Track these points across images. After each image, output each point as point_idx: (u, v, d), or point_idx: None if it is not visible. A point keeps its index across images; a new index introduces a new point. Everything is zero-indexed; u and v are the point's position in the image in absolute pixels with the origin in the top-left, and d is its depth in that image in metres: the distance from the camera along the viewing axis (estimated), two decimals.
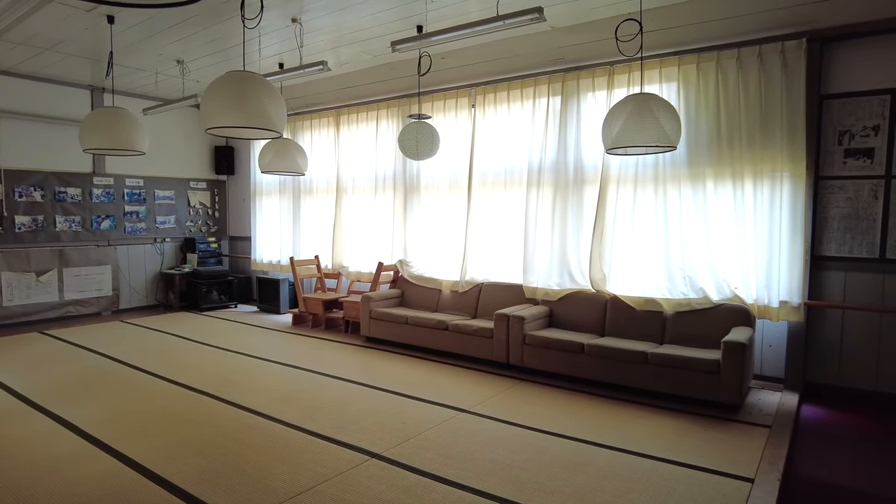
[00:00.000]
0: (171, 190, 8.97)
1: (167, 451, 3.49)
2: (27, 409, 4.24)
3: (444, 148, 6.06)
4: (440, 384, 4.92)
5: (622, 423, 4.04)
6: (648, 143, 3.96)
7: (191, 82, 7.49)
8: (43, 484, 3.07)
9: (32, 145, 7.41)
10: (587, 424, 3.99)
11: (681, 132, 4.08)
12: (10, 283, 7.27)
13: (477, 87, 6.19)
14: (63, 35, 5.71)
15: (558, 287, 5.60)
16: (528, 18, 3.87)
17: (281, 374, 5.20)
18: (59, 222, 7.69)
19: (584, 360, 4.82)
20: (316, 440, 3.67)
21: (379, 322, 6.33)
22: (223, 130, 3.82)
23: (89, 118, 5.12)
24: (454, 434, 3.79)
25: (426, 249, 6.71)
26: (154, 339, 6.66)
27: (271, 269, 8.75)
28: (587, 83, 5.43)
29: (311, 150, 7.97)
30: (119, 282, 8.34)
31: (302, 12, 5.04)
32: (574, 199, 5.53)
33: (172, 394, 4.62)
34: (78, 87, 7.79)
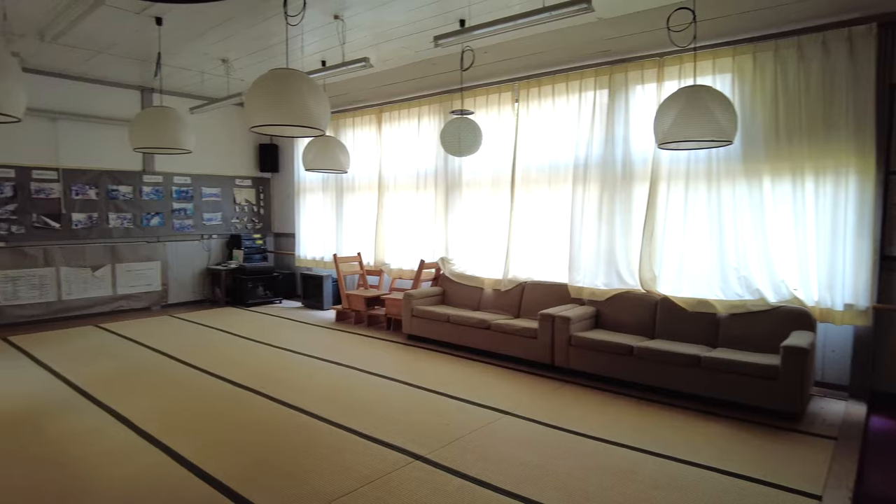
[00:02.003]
0: (218, 187, 9.15)
1: (214, 448, 3.52)
2: (83, 402, 4.36)
3: (486, 144, 5.95)
4: (482, 385, 4.84)
5: (672, 429, 3.88)
6: (702, 137, 3.78)
7: (235, 81, 7.59)
8: (99, 478, 3.13)
9: (87, 145, 7.66)
10: (636, 430, 3.84)
11: (737, 126, 3.88)
12: (67, 278, 7.54)
13: (520, 82, 6.07)
14: (114, 37, 5.85)
15: (605, 287, 5.43)
16: (574, 9, 3.72)
17: (324, 371, 5.21)
18: (111, 219, 7.93)
19: (633, 363, 4.66)
20: (359, 440, 3.65)
21: (420, 320, 6.29)
22: (267, 128, 3.82)
23: (138, 118, 5.23)
24: (498, 437, 3.71)
25: (468, 247, 6.63)
26: (201, 333, 6.80)
27: (315, 266, 8.83)
28: (636, 76, 5.24)
29: (354, 147, 7.99)
30: (168, 277, 8.56)
31: (344, 9, 5.02)
32: (622, 195, 5.35)
33: (218, 389, 4.68)
34: (128, 88, 8.01)
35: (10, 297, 7.10)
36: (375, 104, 7.72)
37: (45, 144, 7.30)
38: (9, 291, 7.08)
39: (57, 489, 3.00)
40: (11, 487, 3.03)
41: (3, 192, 7.02)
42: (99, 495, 2.94)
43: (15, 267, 7.11)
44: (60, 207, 7.46)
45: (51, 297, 7.41)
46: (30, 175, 7.20)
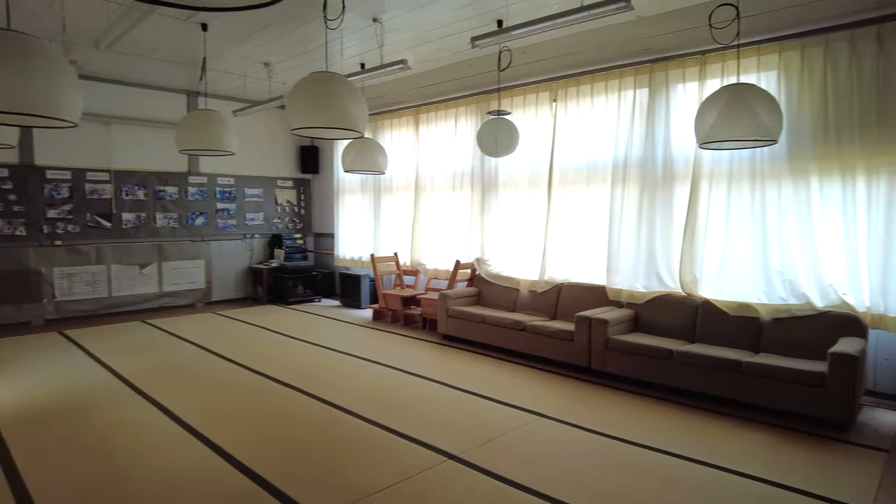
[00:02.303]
0: (260, 188, 9.38)
1: (254, 442, 3.62)
2: (131, 394, 4.54)
3: (523, 144, 5.93)
4: (517, 386, 4.83)
5: (713, 436, 3.79)
6: (745, 136, 3.68)
7: (277, 84, 7.77)
8: (143, 469, 3.25)
9: (136, 147, 7.96)
10: (675, 436, 3.77)
11: (782, 125, 3.76)
12: (117, 275, 7.86)
13: (558, 81, 6.02)
14: (162, 44, 6.07)
15: (644, 289, 5.34)
16: (614, 8, 3.68)
17: (361, 369, 5.29)
18: (158, 219, 8.22)
19: (672, 368, 4.57)
20: (395, 437, 3.69)
21: (456, 320, 6.31)
22: (307, 130, 3.90)
23: (184, 121, 5.40)
24: (533, 439, 3.69)
25: (504, 248, 6.62)
26: (243, 330, 6.98)
27: (353, 265, 8.95)
28: (677, 74, 5.14)
29: (391, 148, 8.07)
30: (211, 275, 8.82)
31: (382, 11, 5.08)
32: (662, 196, 5.25)
33: (258, 385, 4.80)
34: (175, 92, 8.28)
35: (66, 292, 7.43)
36: (413, 105, 7.78)
37: (99, 147, 7.62)
38: (65, 287, 7.41)
39: (105, 477, 3.14)
40: (63, 474, 3.17)
41: (61, 193, 7.35)
42: (144, 484, 3.06)
43: (70, 264, 7.45)
44: (111, 207, 7.77)
45: (102, 293, 7.73)
46: (84, 177, 7.53)
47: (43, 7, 4.93)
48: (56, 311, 7.36)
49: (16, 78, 2.59)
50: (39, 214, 7.21)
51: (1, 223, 6.93)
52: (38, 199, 7.19)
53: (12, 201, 6.99)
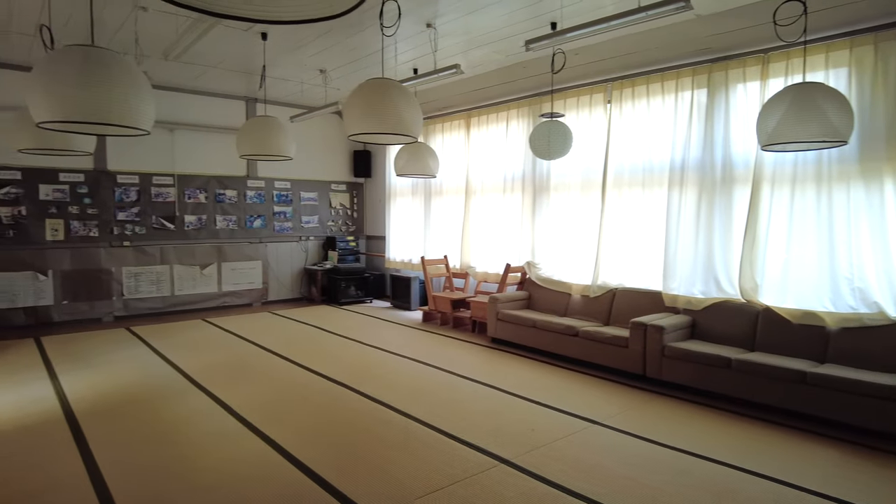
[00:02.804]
0: (315, 192, 9.63)
1: (307, 438, 3.71)
2: (191, 388, 4.74)
3: (576, 146, 5.86)
4: (569, 392, 4.78)
5: (774, 448, 3.64)
6: (812, 138, 3.53)
7: (332, 90, 7.96)
8: (205, 458, 3.40)
9: (198, 152, 8.31)
10: (734, 447, 3.65)
11: (853, 125, 3.59)
12: (180, 275, 8.22)
13: (612, 83, 5.93)
14: (224, 53, 6.32)
15: (702, 295, 5.19)
16: (673, 8, 3.61)
17: (412, 370, 5.35)
18: (218, 221, 8.55)
19: (731, 377, 4.42)
20: (445, 439, 3.72)
21: (505, 324, 6.29)
22: (363, 136, 3.99)
23: (245, 127, 5.61)
24: (585, 446, 3.65)
25: (555, 251, 6.56)
26: (297, 329, 7.17)
27: (403, 268, 9.06)
28: (737, 74, 4.98)
29: (442, 152, 8.12)
30: (268, 276, 9.10)
31: (436, 17, 5.13)
32: (721, 199, 5.10)
33: (312, 382, 4.92)
34: (234, 99, 8.60)
35: (133, 291, 7.83)
36: (464, 109, 7.82)
37: (164, 152, 8.00)
38: (132, 286, 7.81)
39: (170, 465, 3.29)
40: (132, 461, 3.35)
41: (129, 197, 7.75)
42: (206, 474, 3.19)
43: (137, 264, 7.84)
44: (175, 210, 8.14)
45: (165, 292, 8.10)
46: (150, 181, 7.92)
47: (119, 22, 5.22)
48: (124, 308, 7.76)
49: (99, 90, 2.77)
50: (110, 217, 7.62)
51: (77, 225, 7.37)
52: (110, 202, 7.61)
53: (87, 204, 7.42)
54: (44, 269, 7.15)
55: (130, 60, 3.11)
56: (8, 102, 6.75)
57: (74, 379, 4.98)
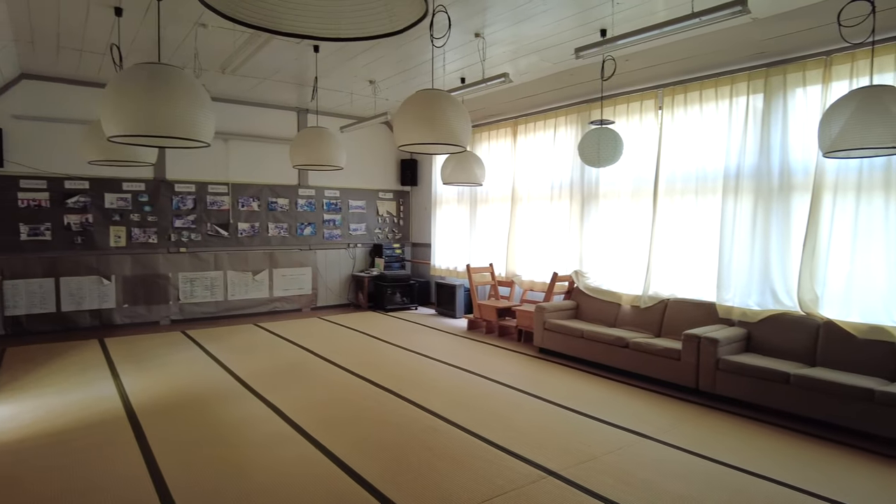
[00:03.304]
0: (363, 200, 9.79)
1: (355, 445, 3.76)
2: (244, 392, 4.87)
3: (625, 153, 5.76)
4: (619, 405, 4.68)
5: (838, 469, 3.47)
6: (881, 143, 3.37)
7: (381, 100, 8.08)
8: (258, 461, 3.48)
9: (251, 162, 8.58)
10: (794, 467, 3.50)
11: None
12: (233, 281, 8.48)
13: (664, 88, 5.81)
14: (278, 66, 6.52)
15: (759, 307, 5.01)
16: (728, 13, 3.51)
17: (458, 378, 5.35)
18: (270, 228, 8.80)
19: (790, 392, 4.25)
20: (492, 449, 3.70)
21: (553, 334, 6.22)
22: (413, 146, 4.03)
23: (298, 137, 5.76)
24: (636, 461, 3.56)
25: (604, 260, 6.45)
26: (345, 335, 7.28)
27: (448, 275, 9.09)
28: (796, 78, 4.80)
29: (488, 159, 8.13)
30: (317, 282, 9.30)
31: (485, 26, 5.16)
32: (779, 207, 4.92)
33: (359, 388, 4.99)
34: (286, 109, 8.85)
35: (189, 295, 8.12)
36: (511, 117, 7.81)
37: (219, 162, 8.29)
38: (188, 291, 8.10)
39: (225, 467, 3.39)
40: (189, 461, 3.46)
41: (186, 205, 8.07)
42: (259, 476, 3.27)
43: (193, 269, 8.14)
44: (229, 218, 8.42)
45: (219, 297, 8.37)
46: (206, 189, 8.22)
47: (180, 38, 5.46)
48: (180, 312, 8.05)
49: (164, 106, 2.91)
50: (168, 224, 7.94)
51: (137, 232, 7.71)
52: (168, 210, 7.93)
53: (147, 212, 7.76)
54: (107, 274, 7.51)
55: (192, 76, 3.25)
56: (79, 117, 7.16)
57: (135, 379, 5.20)
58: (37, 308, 7.10)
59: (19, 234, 6.97)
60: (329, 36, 1.49)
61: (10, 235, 6.91)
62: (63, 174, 7.17)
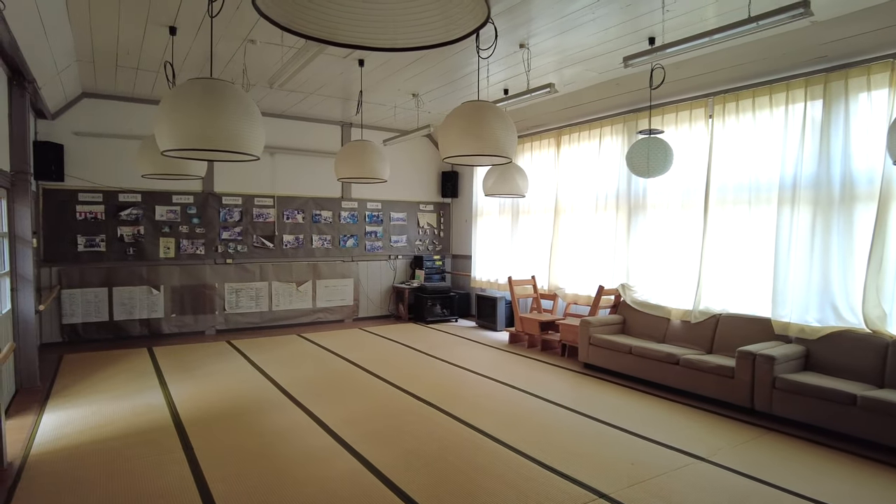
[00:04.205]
0: (404, 212, 9.83)
1: (400, 459, 3.72)
2: (287, 403, 4.90)
3: (675, 163, 5.60)
4: (670, 424, 4.50)
5: None
6: None
7: (423, 113, 8.12)
8: (302, 474, 3.47)
9: (296, 175, 8.73)
10: (864, 496, 3.28)
11: None
12: (277, 291, 8.61)
13: (715, 96, 5.64)
14: (323, 80, 6.61)
15: (818, 323, 4.77)
16: (789, 16, 3.36)
17: (501, 393, 5.26)
18: (314, 240, 8.91)
19: (856, 415, 4.00)
20: (539, 469, 3.60)
21: (598, 349, 6.06)
22: (458, 158, 4.00)
23: (343, 151, 5.81)
24: (690, 484, 3.41)
25: (652, 273, 6.27)
26: (386, 347, 7.28)
27: (489, 287, 9.01)
28: (859, 82, 4.58)
29: (531, 170, 8.04)
30: (359, 293, 9.36)
31: (529, 37, 5.11)
32: (840, 218, 4.68)
33: (402, 401, 4.95)
34: (331, 123, 8.98)
35: (234, 306, 8.28)
36: (554, 127, 7.72)
37: (265, 175, 8.46)
38: (233, 301, 8.26)
39: (270, 479, 3.39)
40: (234, 471, 3.48)
41: (233, 217, 8.25)
42: (302, 489, 3.25)
43: (239, 280, 8.30)
44: (274, 230, 8.56)
45: (263, 307, 8.50)
46: (252, 202, 8.39)
47: (229, 54, 5.60)
48: (225, 322, 8.21)
49: (219, 120, 2.97)
50: (216, 236, 8.13)
51: (186, 243, 7.91)
52: (216, 222, 8.12)
53: (195, 224, 7.97)
54: (157, 284, 7.73)
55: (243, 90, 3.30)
56: (134, 132, 7.42)
57: (182, 388, 5.30)
58: (92, 317, 7.35)
59: (77, 246, 7.25)
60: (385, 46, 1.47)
61: (68, 246, 7.20)
62: (117, 188, 7.43)
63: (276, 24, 1.44)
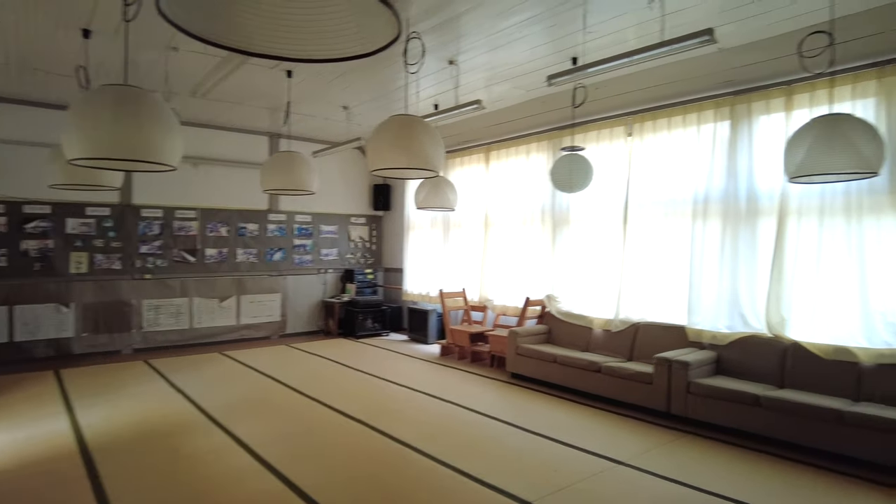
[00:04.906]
0: (335, 225, 9.70)
1: (326, 478, 3.63)
2: (208, 424, 4.69)
3: (596, 179, 5.83)
4: (592, 430, 4.64)
5: (811, 492, 3.48)
6: (842, 169, 3.48)
7: (354, 125, 8.07)
8: (220, 495, 3.33)
9: (221, 187, 8.44)
10: (768, 491, 3.49)
11: (884, 155, 3.52)
12: (199, 308, 8.25)
13: (633, 116, 5.94)
14: (250, 90, 6.46)
15: (728, 330, 5.07)
16: (696, 42, 3.61)
17: (429, 406, 5.25)
18: (239, 254, 8.62)
19: (760, 415, 4.28)
20: (465, 480, 3.61)
21: (525, 359, 6.19)
22: (386, 171, 4.01)
23: (269, 162, 5.69)
24: (611, 488, 3.52)
25: (576, 284, 6.48)
26: (314, 363, 7.12)
27: (421, 300, 9.02)
28: (760, 106, 4.96)
29: (462, 184, 8.15)
30: (286, 308, 9.11)
31: (459, 54, 5.21)
32: (746, 231, 5.02)
33: (329, 419, 4.85)
34: (258, 134, 8.77)
35: (153, 323, 7.87)
36: (484, 143, 7.87)
37: (187, 187, 8.13)
38: (151, 318, 7.85)
39: (187, 501, 3.23)
40: (148, 497, 3.29)
41: (153, 230, 7.87)
42: None
43: (158, 296, 7.90)
44: (196, 243, 8.23)
45: (184, 324, 8.13)
46: (174, 214, 8.04)
47: (150, 61, 5.38)
48: (143, 340, 7.78)
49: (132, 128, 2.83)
50: (133, 250, 7.72)
51: (101, 258, 7.47)
52: (134, 235, 7.72)
53: (112, 238, 7.54)
54: (66, 301, 7.23)
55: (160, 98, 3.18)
56: (42, 139, 6.94)
57: (91, 413, 4.96)
58: None
59: None
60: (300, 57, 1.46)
61: None
62: (22, 198, 6.93)
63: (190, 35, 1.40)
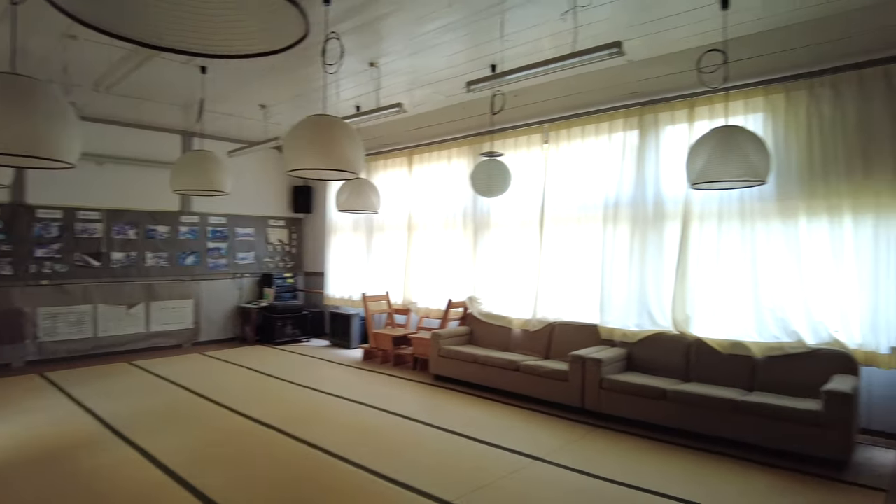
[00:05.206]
0: (252, 227, 9.37)
1: (241, 489, 3.51)
2: (113, 438, 4.40)
3: (515, 184, 5.98)
4: (511, 429, 4.75)
5: (711, 478, 3.74)
6: (735, 177, 3.77)
7: (272, 125, 7.85)
8: None
9: (129, 187, 7.95)
10: (674, 479, 3.71)
11: (770, 165, 3.86)
12: (104, 315, 7.73)
13: (550, 124, 6.15)
14: (161, 86, 6.15)
15: (637, 328, 5.35)
16: (606, 54, 3.80)
17: (351, 412, 5.19)
18: (148, 258, 8.16)
19: (667, 408, 4.54)
20: (387, 484, 3.60)
21: (447, 360, 6.25)
22: (303, 171, 3.93)
23: (180, 161, 5.43)
24: (529, 484, 3.62)
25: (496, 286, 6.62)
26: (230, 372, 6.86)
27: (343, 304, 8.89)
28: (666, 116, 5.28)
29: (385, 188, 8.11)
30: (200, 315, 8.70)
31: (379, 56, 5.20)
32: (653, 235, 5.32)
33: (245, 428, 4.69)
34: (170, 132, 8.35)
35: (50, 333, 7.29)
36: (406, 147, 7.89)
37: (91, 186, 7.60)
38: (48, 328, 7.28)
39: None
40: None
41: (51, 233, 7.30)
42: None
43: (56, 304, 7.33)
44: (101, 247, 7.71)
45: (87, 333, 7.59)
46: (75, 216, 7.50)
47: (46, 50, 5.00)
48: (38, 352, 7.19)
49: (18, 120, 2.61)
50: (27, 253, 7.13)
51: None
52: (27, 238, 7.13)
53: (0, 241, 6.92)
54: None
55: (55, 89, 2.96)
56: None
57: None
58: None
59: None
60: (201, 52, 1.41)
61: None
62: None
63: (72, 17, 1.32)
